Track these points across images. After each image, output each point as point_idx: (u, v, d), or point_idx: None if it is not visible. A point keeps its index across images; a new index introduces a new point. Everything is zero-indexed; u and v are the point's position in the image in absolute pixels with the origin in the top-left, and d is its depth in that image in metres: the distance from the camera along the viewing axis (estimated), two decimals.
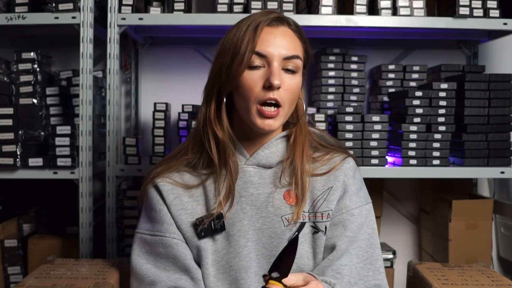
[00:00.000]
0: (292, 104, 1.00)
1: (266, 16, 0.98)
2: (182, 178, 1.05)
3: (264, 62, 0.97)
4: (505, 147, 1.75)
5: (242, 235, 0.99)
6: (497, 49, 2.17)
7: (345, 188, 1.03)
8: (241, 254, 0.98)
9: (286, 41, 0.98)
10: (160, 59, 2.14)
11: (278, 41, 0.97)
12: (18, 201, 1.97)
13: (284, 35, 0.98)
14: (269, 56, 0.96)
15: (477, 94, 1.73)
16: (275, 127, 0.98)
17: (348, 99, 1.93)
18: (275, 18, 0.99)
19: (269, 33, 0.97)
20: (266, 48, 0.96)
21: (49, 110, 1.82)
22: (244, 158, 1.04)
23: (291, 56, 0.97)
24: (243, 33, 0.97)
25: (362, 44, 2.12)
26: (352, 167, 1.06)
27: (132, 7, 1.72)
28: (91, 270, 1.32)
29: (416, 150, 1.73)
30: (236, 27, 1.00)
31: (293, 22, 1.02)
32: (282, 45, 0.97)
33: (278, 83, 0.94)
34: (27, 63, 1.81)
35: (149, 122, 2.09)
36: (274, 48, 0.96)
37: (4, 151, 1.65)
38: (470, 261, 1.86)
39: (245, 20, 1.00)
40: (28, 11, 1.72)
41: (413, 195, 2.22)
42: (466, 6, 1.74)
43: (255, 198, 1.01)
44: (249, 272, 0.98)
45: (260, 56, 0.96)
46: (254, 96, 0.96)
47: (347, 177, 1.04)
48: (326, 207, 1.01)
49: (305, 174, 1.02)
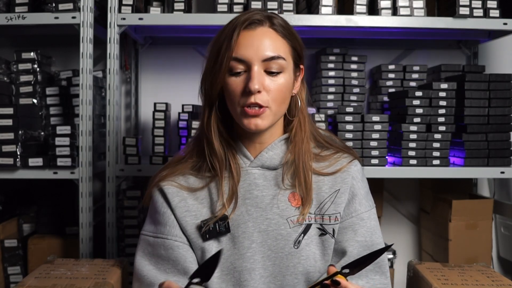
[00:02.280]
0: (281, 104, 0.99)
1: (243, 19, 0.97)
2: (187, 182, 1.05)
3: (245, 66, 0.96)
4: (505, 147, 1.75)
5: (247, 237, 0.99)
6: (497, 49, 2.17)
7: (353, 192, 1.03)
8: (245, 255, 0.98)
9: (266, 43, 0.96)
10: (160, 59, 2.14)
11: (256, 43, 0.95)
12: (18, 201, 1.97)
13: (262, 37, 0.96)
14: (247, 60, 0.95)
15: (477, 94, 1.73)
16: (263, 126, 0.97)
17: (348, 99, 1.93)
18: (253, 21, 0.97)
19: (247, 37, 0.96)
20: (244, 53, 0.95)
21: (49, 110, 1.82)
22: (248, 160, 1.03)
23: (272, 57, 0.95)
24: (222, 38, 0.97)
25: (362, 44, 2.11)
26: (360, 170, 1.07)
27: (132, 7, 1.72)
28: (91, 270, 1.32)
29: (416, 150, 1.73)
30: (219, 32, 1.00)
31: (277, 22, 0.99)
32: (260, 47, 0.95)
33: (256, 88, 0.93)
34: (27, 63, 1.81)
35: (149, 122, 2.09)
36: (252, 51, 0.95)
37: (4, 151, 1.65)
38: (470, 261, 1.86)
39: (228, 23, 0.99)
40: (28, 11, 1.72)
41: (413, 195, 2.22)
42: (466, 6, 1.74)
43: (260, 200, 1.01)
44: (253, 274, 0.98)
45: (240, 62, 0.95)
46: (237, 101, 0.96)
47: (355, 180, 1.04)
48: (334, 210, 1.01)
49: (309, 170, 1.02)
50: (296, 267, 0.98)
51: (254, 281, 0.97)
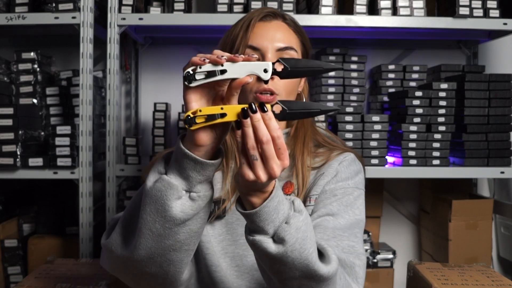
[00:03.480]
0: (290, 94, 1.03)
1: (258, 12, 1.03)
2: None
3: (259, 55, 1.00)
4: (505, 147, 1.75)
5: (241, 224, 1.00)
6: (497, 49, 2.17)
7: (337, 172, 1.01)
8: (238, 242, 1.00)
9: (279, 34, 1.01)
10: (160, 59, 2.14)
11: (271, 34, 1.01)
12: (18, 201, 1.97)
13: (277, 28, 1.02)
14: (262, 48, 1.00)
15: (477, 94, 1.73)
16: None
17: (348, 99, 1.93)
18: (268, 13, 1.03)
19: (262, 27, 1.01)
20: (259, 42, 1.00)
21: (49, 110, 1.82)
22: None
23: (285, 48, 1.00)
24: (238, 30, 1.02)
25: (362, 44, 2.11)
26: (349, 159, 1.04)
27: (132, 7, 1.72)
28: (91, 270, 1.32)
29: (416, 150, 1.73)
30: (234, 25, 1.05)
31: (288, 17, 1.06)
32: (275, 38, 1.00)
33: None
34: (27, 63, 1.81)
35: (149, 122, 2.09)
36: (267, 41, 1.00)
37: (4, 151, 1.65)
38: (470, 261, 1.86)
39: (242, 18, 1.05)
40: (28, 11, 1.72)
41: (413, 195, 2.22)
42: (466, 6, 1.74)
43: None
44: (244, 260, 0.99)
45: (255, 50, 1.00)
46: (250, 88, 0.99)
47: (341, 165, 1.02)
48: (315, 191, 1.00)
49: (306, 166, 1.02)
50: None
51: (245, 267, 0.99)
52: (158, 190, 0.75)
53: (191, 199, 0.76)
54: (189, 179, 0.75)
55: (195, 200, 0.76)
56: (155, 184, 0.76)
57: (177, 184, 0.75)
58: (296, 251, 0.73)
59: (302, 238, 0.74)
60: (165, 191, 0.75)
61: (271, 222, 0.73)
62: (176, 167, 0.75)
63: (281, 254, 0.73)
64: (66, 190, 1.89)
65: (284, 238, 0.73)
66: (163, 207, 0.75)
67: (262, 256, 0.75)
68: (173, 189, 0.75)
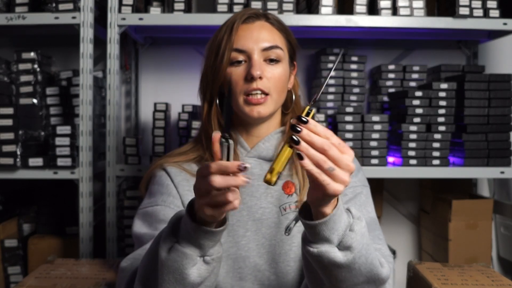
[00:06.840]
0: (281, 93, 1.03)
1: (241, 14, 1.04)
2: (190, 167, 1.07)
3: (245, 57, 1.01)
4: (505, 147, 1.75)
5: (241, 225, 1.01)
6: (497, 49, 2.17)
7: None
8: (239, 244, 1.00)
9: (264, 34, 1.02)
10: (160, 59, 2.14)
11: (255, 35, 1.01)
12: (18, 201, 1.97)
13: (260, 29, 1.03)
14: (247, 50, 1.00)
15: (477, 94, 1.73)
16: (265, 113, 1.01)
17: (348, 99, 1.93)
18: (250, 15, 1.04)
19: (245, 29, 1.02)
20: (244, 44, 1.01)
21: (49, 110, 1.82)
22: (245, 150, 1.06)
23: (270, 47, 1.01)
24: (222, 34, 1.03)
25: (362, 44, 2.11)
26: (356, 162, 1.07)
27: (132, 7, 1.72)
28: (91, 270, 1.32)
29: (416, 150, 1.73)
30: (218, 30, 1.06)
31: (271, 16, 1.06)
32: (259, 38, 1.01)
33: (258, 73, 0.98)
34: (27, 63, 1.81)
35: (149, 122, 2.09)
36: (252, 42, 1.01)
37: (4, 151, 1.65)
38: (470, 261, 1.86)
39: (225, 22, 1.05)
40: (28, 11, 1.72)
41: (413, 195, 2.22)
42: (466, 6, 1.74)
43: (255, 189, 1.03)
44: (247, 261, 0.99)
45: (240, 52, 1.01)
46: (239, 89, 1.00)
47: None
48: None
49: None
50: (288, 254, 0.99)
51: (248, 269, 0.99)
52: (174, 261, 0.77)
53: (205, 263, 0.78)
54: (202, 247, 0.77)
55: (210, 263, 0.78)
56: (170, 254, 0.78)
57: (192, 254, 0.77)
58: (363, 257, 0.75)
59: (367, 243, 0.76)
60: (181, 261, 0.77)
61: (335, 230, 0.73)
62: (187, 237, 0.77)
63: (349, 262, 0.74)
64: (66, 190, 1.89)
65: (352, 245, 0.73)
66: (181, 276, 0.77)
67: (328, 266, 0.75)
68: (188, 259, 0.77)
